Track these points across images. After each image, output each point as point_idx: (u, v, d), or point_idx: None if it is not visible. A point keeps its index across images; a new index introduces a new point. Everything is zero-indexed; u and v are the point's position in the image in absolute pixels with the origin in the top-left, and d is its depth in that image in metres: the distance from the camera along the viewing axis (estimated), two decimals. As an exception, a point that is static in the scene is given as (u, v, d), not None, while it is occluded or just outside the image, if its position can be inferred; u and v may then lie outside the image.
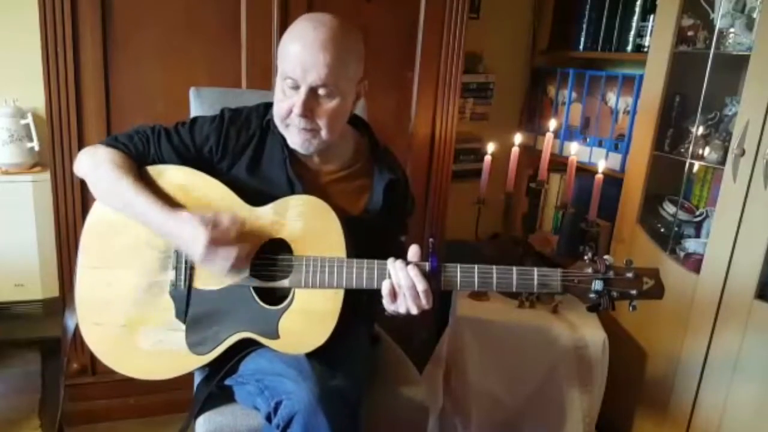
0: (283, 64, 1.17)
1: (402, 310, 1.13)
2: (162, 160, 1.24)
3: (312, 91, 1.15)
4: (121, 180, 1.16)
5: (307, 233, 1.18)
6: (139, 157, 1.23)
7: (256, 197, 1.20)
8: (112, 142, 1.23)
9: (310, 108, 1.16)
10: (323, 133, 1.18)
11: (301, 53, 1.13)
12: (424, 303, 1.12)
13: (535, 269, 1.13)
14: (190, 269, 1.20)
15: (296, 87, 1.15)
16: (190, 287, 1.20)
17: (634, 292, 1.12)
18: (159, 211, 1.15)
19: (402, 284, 1.11)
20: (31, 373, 2.11)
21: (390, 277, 1.12)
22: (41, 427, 1.85)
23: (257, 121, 1.28)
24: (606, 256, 1.13)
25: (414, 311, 1.12)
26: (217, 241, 1.11)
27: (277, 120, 1.22)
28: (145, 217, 1.17)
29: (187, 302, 1.20)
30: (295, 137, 1.20)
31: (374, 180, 1.30)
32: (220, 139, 1.25)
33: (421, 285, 1.10)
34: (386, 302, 1.14)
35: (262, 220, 1.19)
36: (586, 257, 1.13)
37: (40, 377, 2.09)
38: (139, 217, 1.18)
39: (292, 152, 1.25)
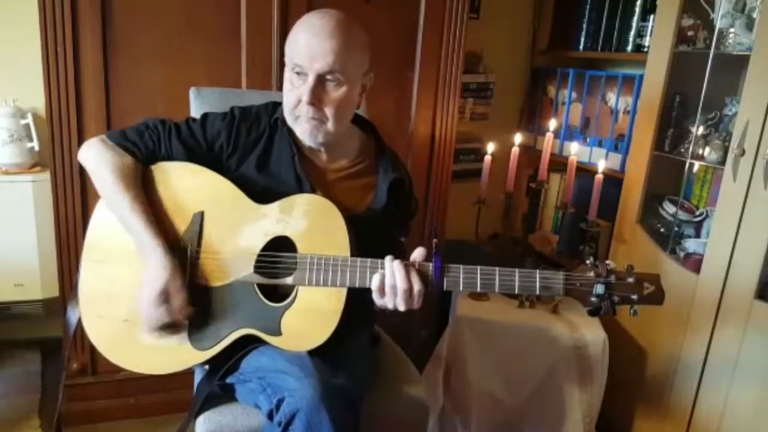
0: (291, 53, 1.19)
1: (390, 305, 1.13)
2: (171, 157, 1.25)
3: (320, 79, 1.17)
4: (121, 194, 1.17)
5: (312, 232, 1.18)
6: (149, 156, 1.24)
7: (263, 194, 1.21)
8: (122, 141, 1.23)
9: (318, 96, 1.18)
10: (330, 123, 1.21)
11: (308, 40, 1.16)
12: (415, 303, 1.12)
13: (538, 272, 1.13)
14: (194, 265, 1.21)
15: (304, 75, 1.18)
16: (193, 282, 1.21)
17: (635, 297, 1.13)
18: (147, 239, 1.16)
19: (398, 285, 1.11)
20: (31, 373, 2.11)
21: (382, 272, 1.12)
22: (41, 427, 1.85)
23: (266, 119, 1.30)
24: (608, 261, 1.14)
25: (401, 308, 1.13)
26: (166, 299, 1.15)
27: (286, 113, 1.23)
28: (133, 236, 1.18)
29: (191, 297, 1.20)
30: (304, 126, 1.21)
31: (378, 179, 1.31)
32: (231, 135, 1.26)
33: (417, 285, 1.11)
34: (375, 296, 1.14)
35: (267, 218, 1.20)
36: (588, 261, 1.14)
37: (40, 377, 2.09)
38: (129, 233, 1.19)
39: (300, 149, 1.27)
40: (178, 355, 1.21)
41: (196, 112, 1.56)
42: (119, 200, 1.18)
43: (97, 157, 1.21)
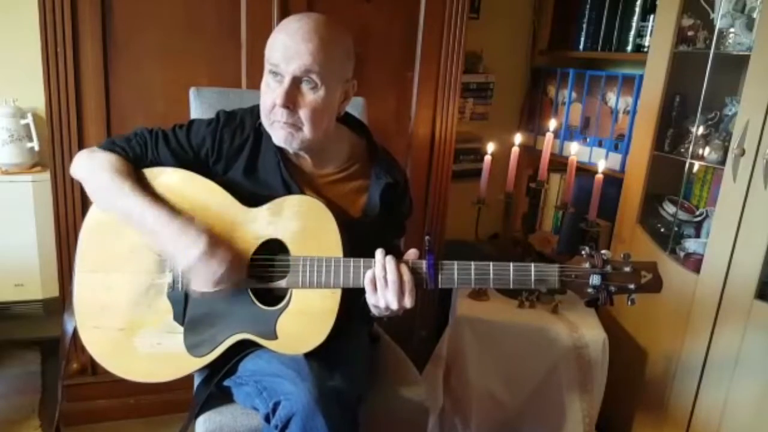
0: (268, 54, 1.17)
1: (382, 303, 1.12)
2: (159, 164, 1.23)
3: (295, 82, 1.14)
4: (118, 184, 1.16)
5: (304, 233, 1.17)
6: (137, 161, 1.23)
7: (252, 200, 1.20)
8: (110, 146, 1.23)
9: (292, 99, 1.15)
10: (305, 128, 1.17)
11: (284, 41, 1.14)
12: (407, 299, 1.10)
13: (533, 264, 1.12)
14: None
15: (280, 77, 1.15)
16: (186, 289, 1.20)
17: (632, 286, 1.11)
18: (157, 213, 1.14)
19: (388, 277, 1.10)
20: (31, 373, 2.11)
21: (375, 267, 1.11)
22: (41, 427, 1.85)
23: (251, 124, 1.27)
24: (603, 251, 1.13)
25: (394, 305, 1.11)
26: (214, 250, 1.11)
27: (263, 116, 1.21)
28: (141, 221, 1.16)
29: (185, 304, 1.20)
30: (279, 133, 1.18)
31: (371, 184, 1.29)
32: (215, 142, 1.25)
33: (407, 277, 1.10)
34: (369, 294, 1.13)
35: (257, 221, 1.19)
36: (583, 252, 1.13)
37: (40, 377, 2.09)
38: (135, 220, 1.16)
39: (285, 156, 1.25)
40: (175, 362, 1.20)
41: (195, 112, 1.56)
42: (118, 191, 1.16)
43: (88, 163, 1.21)
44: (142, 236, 1.18)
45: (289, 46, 1.13)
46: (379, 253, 1.12)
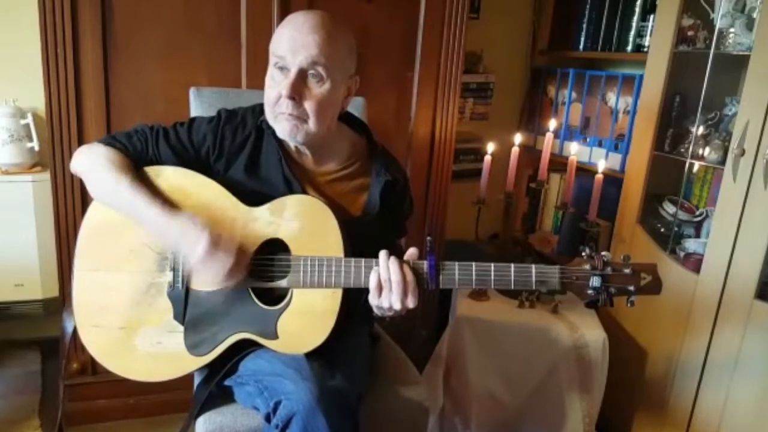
0: (274, 48, 1.18)
1: (386, 303, 1.12)
2: (160, 161, 1.23)
3: (301, 74, 1.15)
4: (119, 179, 1.16)
5: (305, 233, 1.17)
6: (137, 157, 1.22)
7: (253, 198, 1.20)
8: (110, 140, 1.23)
9: (298, 91, 1.15)
10: (311, 121, 1.18)
11: (291, 34, 1.15)
12: (410, 300, 1.11)
13: (533, 266, 1.12)
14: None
15: (286, 71, 1.16)
16: (188, 288, 1.20)
17: (631, 287, 1.12)
18: (158, 211, 1.14)
19: (392, 278, 1.10)
20: (31, 373, 2.11)
21: (377, 269, 1.12)
22: (41, 427, 1.85)
23: (253, 122, 1.27)
24: (604, 252, 1.13)
25: (397, 306, 1.11)
26: (218, 244, 1.11)
27: (267, 110, 1.21)
28: (143, 218, 1.16)
29: (185, 303, 1.20)
30: (283, 125, 1.19)
31: (371, 182, 1.29)
32: (217, 138, 1.25)
33: (410, 277, 1.10)
34: (372, 296, 1.13)
35: (258, 221, 1.19)
36: (584, 253, 1.14)
37: (40, 377, 2.09)
38: (137, 217, 1.17)
39: (287, 153, 1.26)
40: (176, 361, 1.20)
41: (195, 112, 1.57)
42: (118, 186, 1.16)
43: (89, 158, 1.21)
44: (144, 232, 1.18)
45: (296, 38, 1.14)
46: (382, 254, 1.12)
